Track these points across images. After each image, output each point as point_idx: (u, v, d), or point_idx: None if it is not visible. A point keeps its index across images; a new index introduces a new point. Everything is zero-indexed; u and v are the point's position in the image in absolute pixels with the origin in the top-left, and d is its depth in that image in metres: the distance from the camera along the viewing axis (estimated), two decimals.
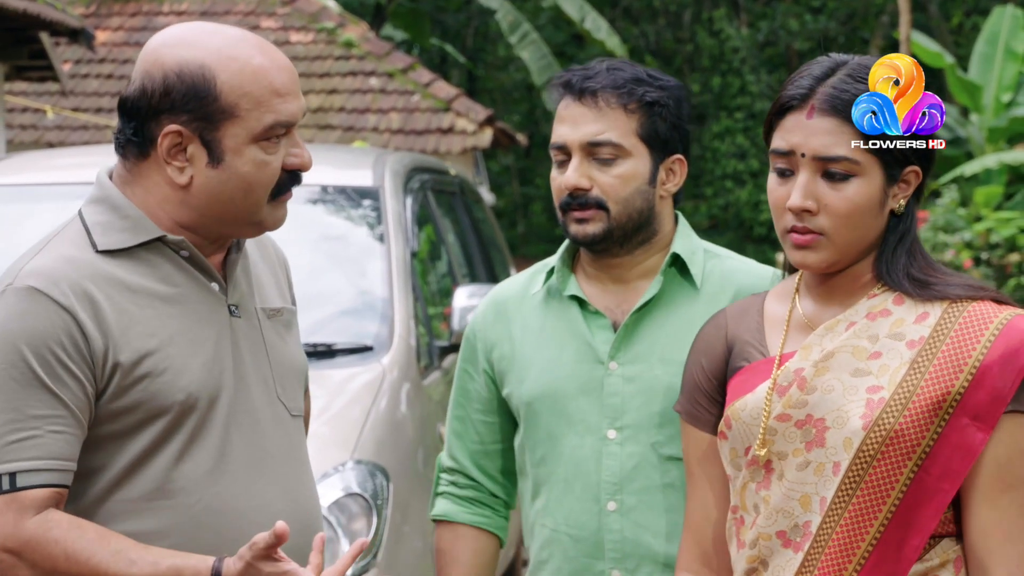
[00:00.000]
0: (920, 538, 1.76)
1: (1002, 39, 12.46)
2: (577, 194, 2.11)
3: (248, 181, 1.82)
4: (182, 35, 1.84)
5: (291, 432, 1.93)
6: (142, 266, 1.84)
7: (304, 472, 1.95)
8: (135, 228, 1.83)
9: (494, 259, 5.80)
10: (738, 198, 21.19)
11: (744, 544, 1.86)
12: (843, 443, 1.78)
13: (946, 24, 21.53)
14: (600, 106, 2.09)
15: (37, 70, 9.71)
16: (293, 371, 1.96)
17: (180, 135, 1.80)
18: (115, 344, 1.78)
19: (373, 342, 3.84)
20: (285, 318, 1.98)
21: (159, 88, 1.80)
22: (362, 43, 12.91)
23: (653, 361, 2.13)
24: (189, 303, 1.85)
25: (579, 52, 23.02)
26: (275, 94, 1.81)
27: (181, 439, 1.82)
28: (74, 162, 4.80)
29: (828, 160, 1.79)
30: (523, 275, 2.29)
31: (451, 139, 12.13)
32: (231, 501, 1.83)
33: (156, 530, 1.80)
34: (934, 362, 1.77)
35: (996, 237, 11.33)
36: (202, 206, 1.83)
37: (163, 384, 1.80)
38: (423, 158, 5.21)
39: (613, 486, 2.12)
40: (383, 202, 4.25)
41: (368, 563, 3.31)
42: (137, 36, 13.27)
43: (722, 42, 21.89)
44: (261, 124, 1.81)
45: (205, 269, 1.87)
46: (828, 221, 1.80)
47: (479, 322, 2.27)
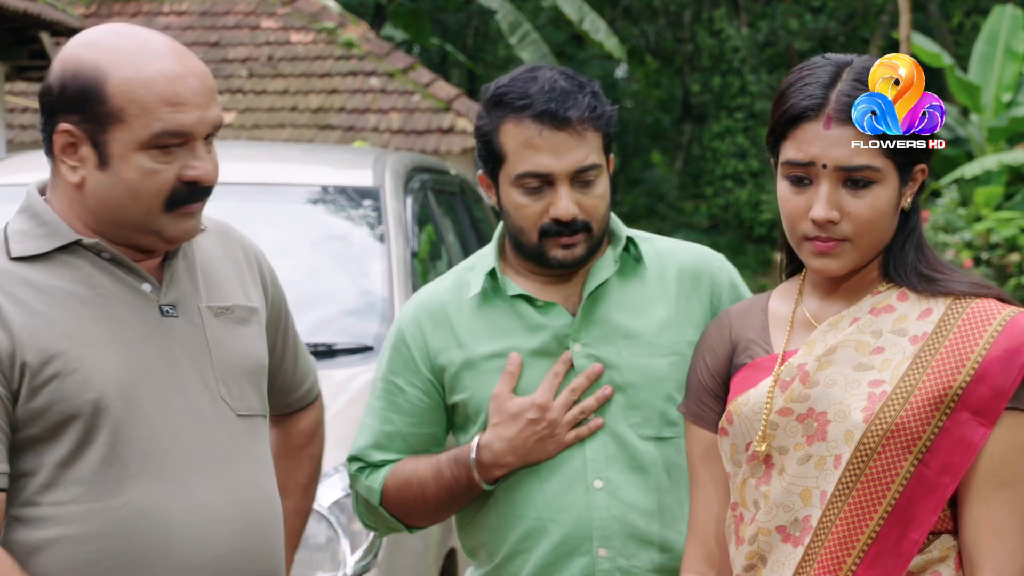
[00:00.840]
0: (919, 532, 1.77)
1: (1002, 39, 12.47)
2: (567, 221, 2.12)
3: (134, 188, 1.79)
4: (93, 35, 1.82)
5: (237, 432, 1.89)
6: (61, 269, 1.82)
7: (253, 472, 1.90)
8: (51, 234, 1.82)
9: None
10: (738, 198, 21.19)
11: (743, 540, 1.86)
12: (844, 436, 1.78)
13: (946, 24, 21.54)
14: (579, 131, 2.11)
15: (37, 70, 9.72)
16: (241, 369, 1.91)
17: (72, 135, 1.79)
18: (21, 346, 1.77)
19: (373, 342, 3.82)
20: (238, 315, 1.93)
21: (57, 85, 1.79)
22: (362, 43, 12.91)
23: (618, 341, 2.16)
24: (110, 304, 1.83)
25: (579, 52, 23.03)
26: (166, 103, 1.77)
27: (103, 440, 1.79)
28: None
29: (851, 170, 1.79)
30: (447, 280, 2.26)
31: (451, 139, 12.14)
32: (162, 502, 1.80)
33: (86, 534, 1.78)
34: (936, 357, 1.78)
35: (996, 237, 11.34)
36: (96, 208, 1.82)
37: (74, 384, 1.78)
38: (423, 158, 5.20)
39: (598, 464, 2.13)
40: (383, 202, 4.24)
41: (368, 563, 3.30)
42: None
43: (722, 42, 21.89)
44: (148, 132, 1.77)
45: (131, 270, 1.85)
46: (852, 228, 1.80)
47: (411, 331, 2.21)
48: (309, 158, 5.14)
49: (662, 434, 2.15)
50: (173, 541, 1.78)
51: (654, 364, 2.15)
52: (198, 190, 1.82)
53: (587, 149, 2.12)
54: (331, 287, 4.06)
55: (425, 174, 4.84)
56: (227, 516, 1.83)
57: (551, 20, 22.13)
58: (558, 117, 2.10)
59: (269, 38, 12.97)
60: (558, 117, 2.10)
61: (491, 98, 2.15)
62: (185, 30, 13.07)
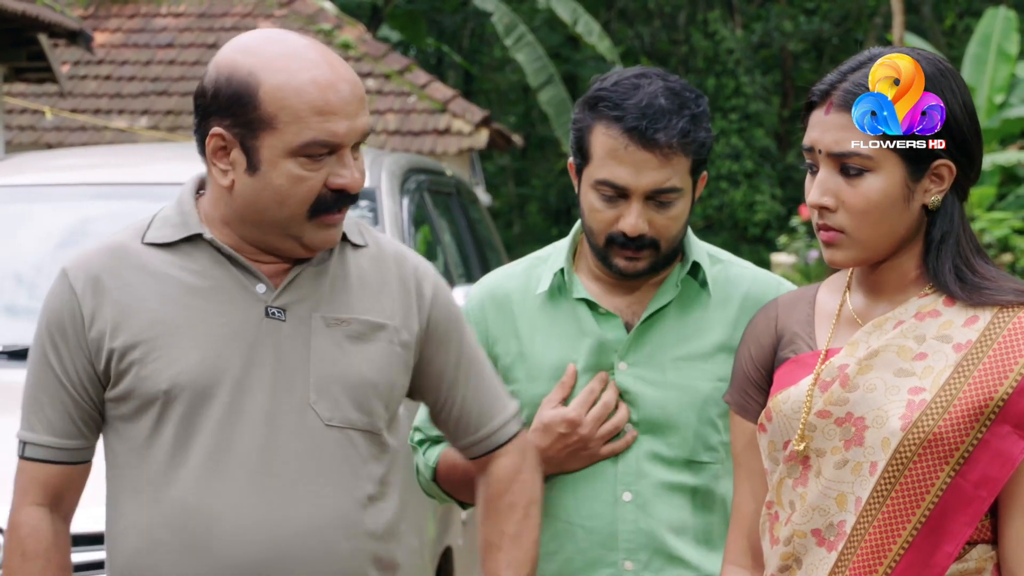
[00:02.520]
0: (953, 545, 1.73)
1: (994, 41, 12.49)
2: (633, 237, 2.10)
3: (281, 193, 1.79)
4: (249, 41, 1.83)
5: (320, 442, 1.85)
6: (181, 258, 1.86)
7: (321, 484, 1.84)
8: (183, 224, 1.87)
9: (490, 259, 5.81)
10: (732, 199, 21.22)
11: (778, 540, 1.83)
12: (881, 443, 1.75)
13: (939, 26, 21.57)
14: (666, 153, 2.07)
15: (36, 71, 9.72)
16: (344, 381, 1.86)
17: (223, 138, 1.80)
18: (112, 331, 1.83)
19: None
20: (355, 328, 1.88)
21: (211, 89, 1.80)
22: (359, 44, 12.94)
23: (665, 363, 2.14)
24: (216, 297, 1.85)
25: (574, 54, 23.05)
26: (317, 112, 1.77)
27: (169, 431, 1.82)
28: (72, 163, 4.79)
29: (841, 156, 1.77)
30: (518, 268, 2.26)
31: (447, 140, 12.17)
32: (208, 499, 1.81)
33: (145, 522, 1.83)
34: (979, 367, 1.74)
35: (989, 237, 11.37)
36: (240, 209, 1.83)
37: (152, 372, 1.82)
38: (420, 159, 5.19)
39: (630, 476, 2.13)
40: (380, 203, 4.23)
41: None
42: (135, 38, 13.29)
43: (717, 43, 21.91)
44: (298, 140, 1.77)
45: (246, 269, 1.86)
46: (846, 218, 1.77)
47: (476, 314, 2.22)
48: None
49: (698, 457, 2.13)
50: (214, 539, 1.80)
51: (698, 387, 2.12)
52: (343, 197, 1.81)
53: (670, 172, 2.08)
54: None
55: (421, 175, 4.85)
56: (271, 523, 1.81)
57: (547, 22, 22.15)
58: (646, 137, 2.06)
59: None
60: (646, 137, 2.06)
61: (590, 97, 2.13)
62: (183, 31, 13.10)
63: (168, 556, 1.81)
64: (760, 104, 21.81)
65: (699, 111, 2.11)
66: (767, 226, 21.03)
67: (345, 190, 1.80)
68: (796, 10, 23.30)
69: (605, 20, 23.05)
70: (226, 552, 1.81)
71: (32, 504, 1.83)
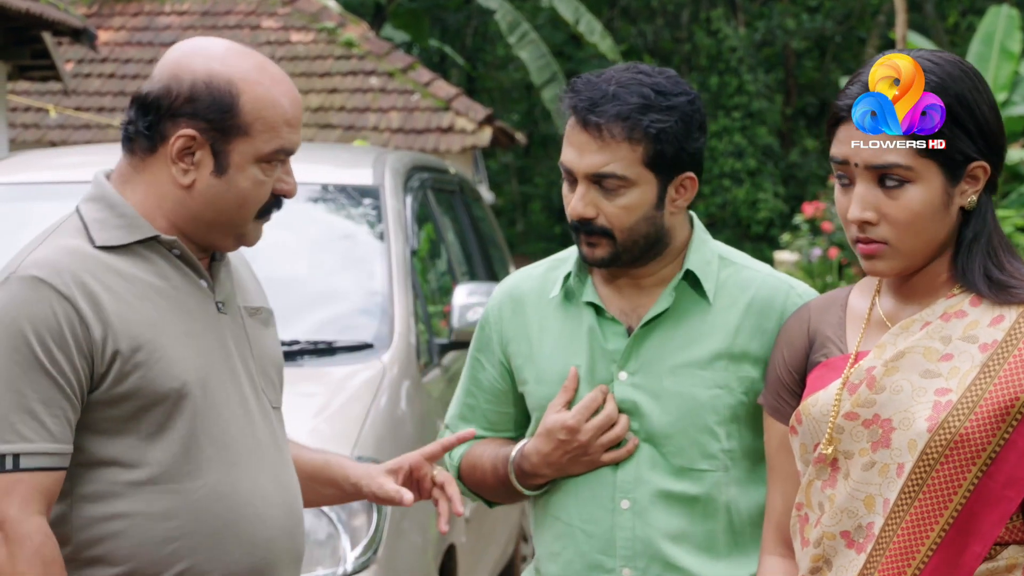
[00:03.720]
0: (982, 545, 1.73)
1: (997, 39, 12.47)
2: (584, 222, 2.11)
3: (244, 196, 1.94)
4: (214, 50, 1.95)
5: (274, 424, 2.03)
6: (139, 261, 1.93)
7: (288, 461, 2.05)
8: (130, 226, 1.93)
9: (493, 257, 5.81)
10: (735, 196, 21.21)
11: (808, 542, 1.84)
12: (908, 445, 1.75)
13: (942, 24, 21.55)
14: (604, 137, 2.06)
15: (40, 70, 9.72)
16: (273, 366, 2.07)
17: (193, 139, 1.91)
18: (114, 333, 1.86)
19: (373, 340, 3.82)
20: (263, 316, 2.08)
21: (185, 92, 1.91)
22: (362, 43, 12.93)
23: (663, 372, 2.13)
24: (181, 298, 1.94)
25: (577, 52, 23.03)
26: (286, 124, 1.94)
27: (182, 426, 1.90)
28: (76, 161, 4.77)
29: (880, 168, 1.76)
30: (539, 270, 2.27)
31: (451, 138, 12.16)
32: (232, 485, 1.93)
33: (163, 512, 1.90)
34: (1005, 367, 1.73)
35: None
36: (198, 209, 1.94)
37: (159, 372, 1.88)
38: (423, 157, 5.18)
39: (629, 484, 2.13)
40: (383, 200, 4.22)
41: (368, 559, 3.30)
42: (139, 36, 13.29)
43: (719, 41, 21.90)
44: (268, 147, 1.93)
45: (195, 267, 1.97)
46: (890, 231, 1.77)
47: (495, 314, 2.26)
48: (309, 157, 5.14)
49: (696, 466, 2.11)
50: (241, 522, 1.93)
51: (697, 395, 2.11)
52: (279, 202, 2.00)
53: (609, 156, 2.06)
54: (331, 285, 4.07)
55: (425, 173, 4.84)
56: (277, 499, 1.98)
57: (550, 20, 22.14)
58: (583, 118, 2.07)
59: (270, 38, 12.98)
60: (583, 118, 2.07)
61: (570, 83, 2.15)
62: (186, 30, 13.09)
63: (199, 542, 1.90)
64: (763, 102, 21.80)
65: (668, 104, 2.07)
66: (770, 224, 21.02)
67: (286, 195, 1.98)
68: (799, 8, 23.27)
69: (608, 18, 23.03)
70: (254, 532, 1.94)
71: (37, 514, 1.83)
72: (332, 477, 2.17)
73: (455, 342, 4.14)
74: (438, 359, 4.17)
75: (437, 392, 4.08)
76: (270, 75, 1.95)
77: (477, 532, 4.29)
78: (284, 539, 1.98)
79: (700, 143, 2.14)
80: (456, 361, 4.37)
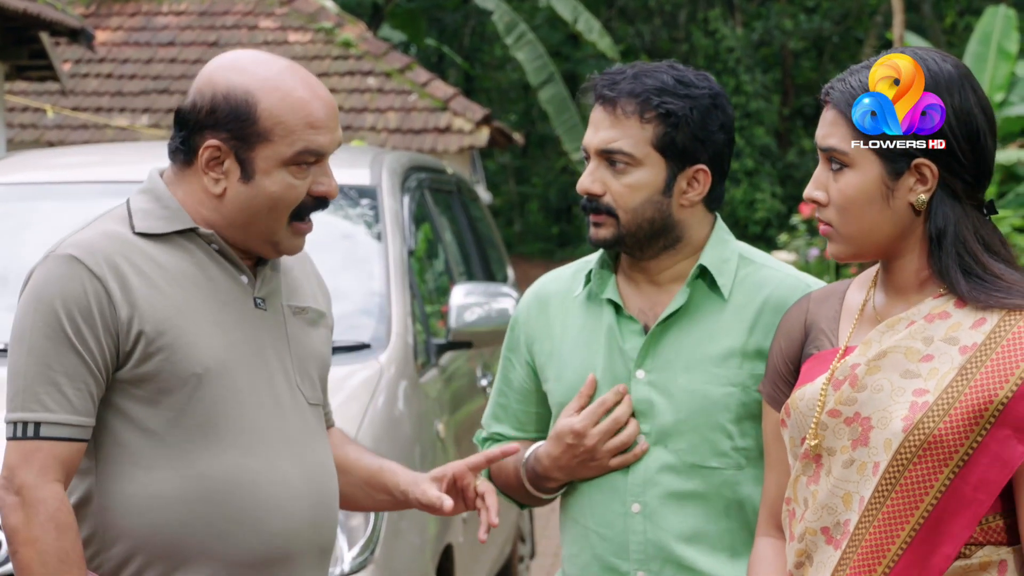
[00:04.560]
0: (952, 547, 1.74)
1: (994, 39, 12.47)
2: (591, 198, 2.13)
3: (273, 199, 2.00)
4: (237, 61, 2.03)
5: (309, 418, 2.07)
6: (176, 250, 2.01)
7: (322, 455, 2.08)
8: (172, 217, 2.02)
9: (491, 257, 5.80)
10: (733, 197, 21.20)
11: (794, 537, 1.86)
12: (884, 444, 1.76)
13: (939, 24, 21.56)
14: (617, 114, 2.10)
15: (37, 69, 9.72)
16: (314, 363, 2.11)
17: (219, 150, 1.99)
18: (140, 314, 1.94)
19: (370, 340, 3.80)
20: (311, 316, 2.13)
21: (207, 106, 1.99)
22: (360, 43, 12.93)
23: (677, 369, 2.13)
24: (215, 289, 2.01)
25: (575, 52, 23.04)
26: (309, 126, 1.99)
27: (199, 411, 1.95)
28: (74, 161, 4.77)
29: (825, 151, 1.81)
30: (568, 270, 2.29)
31: (448, 138, 12.17)
32: (251, 473, 1.97)
33: (179, 496, 1.94)
34: (982, 370, 1.73)
35: None
36: (231, 215, 2.01)
37: (182, 356, 1.95)
38: (420, 157, 5.17)
39: (638, 488, 2.13)
40: (381, 201, 4.21)
41: (366, 559, 3.29)
42: (136, 36, 13.29)
43: (717, 42, 21.90)
44: (291, 150, 1.98)
45: (234, 262, 2.04)
46: (831, 212, 1.82)
47: (523, 314, 2.28)
48: None
49: (708, 463, 2.11)
50: (259, 509, 1.97)
51: (709, 393, 2.10)
52: (320, 204, 2.04)
53: (620, 132, 2.10)
54: (328, 285, 4.07)
55: (422, 173, 4.83)
56: (302, 491, 2.01)
57: (547, 20, 22.15)
58: (600, 93, 2.12)
59: (267, 38, 12.98)
60: (600, 93, 2.12)
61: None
62: (184, 30, 13.10)
63: (214, 526, 1.95)
64: (760, 102, 21.80)
65: (686, 92, 2.10)
66: (767, 224, 21.02)
67: (326, 196, 2.03)
68: (796, 8, 23.28)
69: (606, 18, 23.04)
70: (273, 521, 1.97)
71: (54, 481, 1.89)
72: (384, 484, 2.19)
73: (452, 342, 4.14)
74: (435, 359, 4.16)
75: (434, 392, 4.07)
76: (291, 80, 2.00)
77: (475, 532, 4.29)
78: (308, 532, 2.01)
79: (718, 140, 2.14)
80: (453, 361, 4.37)
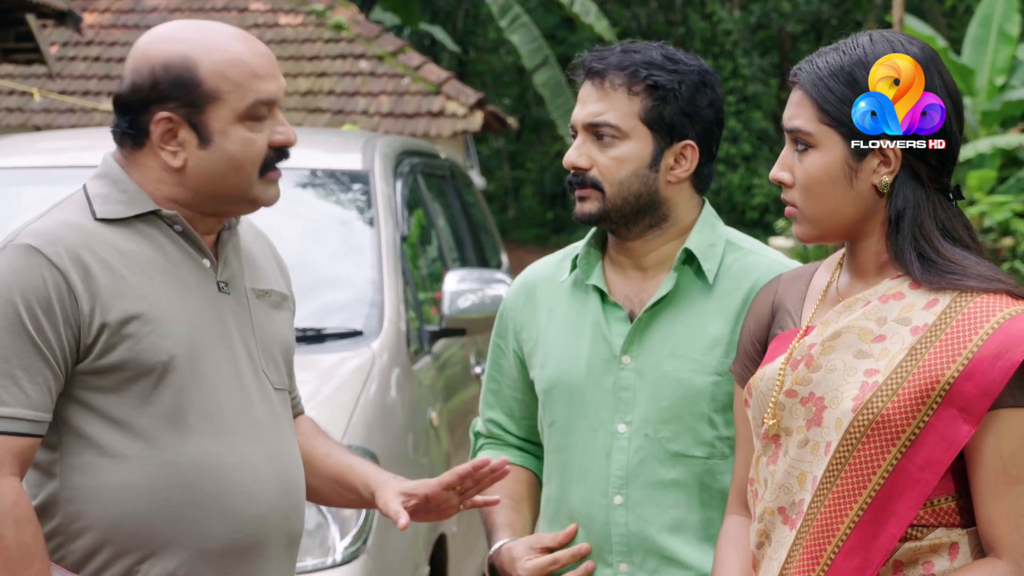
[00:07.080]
0: (898, 526, 1.75)
1: (995, 22, 12.45)
2: (577, 173, 2.13)
3: (236, 159, 1.95)
4: (165, 32, 2.00)
5: (275, 404, 2.05)
6: (137, 235, 1.97)
7: (289, 442, 2.06)
8: (131, 201, 1.97)
9: (484, 243, 5.78)
10: (730, 182, 21.19)
11: (755, 517, 1.87)
12: (835, 423, 1.78)
13: (939, 7, 21.51)
14: (605, 87, 2.11)
15: (24, 52, 9.67)
16: (279, 347, 2.08)
17: (171, 121, 1.95)
18: (103, 305, 1.90)
19: (363, 327, 3.81)
20: (274, 299, 2.10)
21: (147, 81, 1.95)
22: (352, 26, 12.86)
23: (663, 356, 2.12)
24: (179, 273, 1.98)
25: (570, 35, 22.97)
26: (253, 76, 1.96)
27: (167, 399, 1.93)
28: (61, 145, 4.79)
29: (791, 132, 1.82)
30: (555, 257, 2.30)
31: (441, 122, 12.10)
32: (219, 460, 1.95)
33: (148, 484, 1.92)
34: (931, 350, 1.75)
35: (989, 221, 11.34)
36: (197, 185, 1.97)
37: (148, 344, 1.91)
38: (413, 141, 5.18)
39: (620, 480, 2.13)
40: (373, 186, 4.22)
41: (358, 549, 3.30)
42: (124, 19, 13.21)
43: (714, 24, 21.87)
44: (244, 103, 1.95)
45: (197, 244, 2.00)
46: (796, 193, 1.83)
47: (510, 301, 2.30)
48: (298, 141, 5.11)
49: (691, 452, 2.11)
50: (228, 496, 1.94)
51: (694, 381, 2.11)
52: (282, 153, 2.00)
53: (607, 106, 2.11)
54: (320, 271, 4.04)
55: (415, 158, 4.82)
56: (270, 477, 1.99)
57: (542, 3, 22.08)
58: (588, 67, 2.14)
59: (257, 20, 12.91)
60: (588, 67, 2.14)
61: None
62: (172, 12, 13.01)
63: (183, 514, 1.92)
64: (758, 86, 21.77)
65: (675, 68, 2.12)
66: (765, 209, 21.01)
67: (285, 144, 1.99)
68: None
69: (601, 1, 22.97)
70: (242, 507, 1.95)
71: (10, 475, 1.86)
72: (353, 483, 2.15)
73: (446, 329, 4.15)
74: (428, 346, 4.17)
75: (427, 380, 4.07)
76: (224, 36, 1.97)
77: (468, 522, 4.26)
78: (276, 518, 1.99)
79: (707, 116, 2.15)
80: (447, 348, 4.34)
